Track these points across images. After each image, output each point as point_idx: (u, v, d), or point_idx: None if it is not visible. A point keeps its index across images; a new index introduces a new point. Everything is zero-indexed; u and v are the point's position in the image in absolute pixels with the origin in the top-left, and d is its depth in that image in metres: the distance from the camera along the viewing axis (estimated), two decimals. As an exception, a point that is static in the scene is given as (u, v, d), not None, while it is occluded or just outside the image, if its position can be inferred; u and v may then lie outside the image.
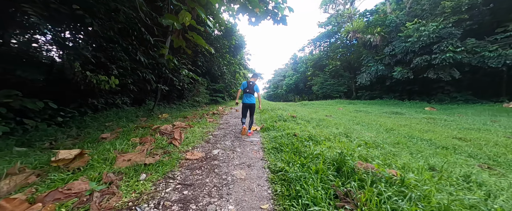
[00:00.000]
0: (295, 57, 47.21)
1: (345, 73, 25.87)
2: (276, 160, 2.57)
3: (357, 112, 11.08)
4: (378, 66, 17.94)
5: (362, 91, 23.94)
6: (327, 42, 30.51)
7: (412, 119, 7.55)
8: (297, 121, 5.70)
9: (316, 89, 27.66)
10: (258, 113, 7.49)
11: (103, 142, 3.13)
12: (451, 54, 11.25)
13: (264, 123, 5.64)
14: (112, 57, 6.48)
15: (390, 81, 18.71)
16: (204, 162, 2.61)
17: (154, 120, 6.03)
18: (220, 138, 3.99)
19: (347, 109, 13.07)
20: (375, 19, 19.85)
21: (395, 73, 15.72)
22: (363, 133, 4.29)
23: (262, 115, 7.28)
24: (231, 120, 6.76)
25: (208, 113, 8.26)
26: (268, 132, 4.43)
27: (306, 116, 7.12)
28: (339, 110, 12.43)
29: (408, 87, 17.21)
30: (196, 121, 6.01)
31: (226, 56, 17.89)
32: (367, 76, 19.59)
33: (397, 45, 15.67)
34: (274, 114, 6.87)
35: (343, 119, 7.50)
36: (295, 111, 8.57)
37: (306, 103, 18.28)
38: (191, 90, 12.51)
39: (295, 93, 46.83)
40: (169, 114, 7.23)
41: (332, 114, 9.67)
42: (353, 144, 3.04)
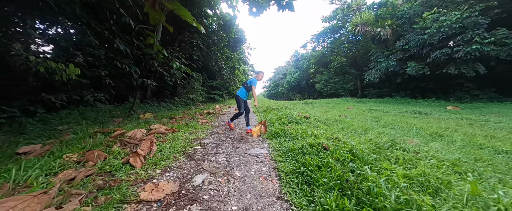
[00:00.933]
0: (296, 54, 45.90)
1: (351, 70, 24.62)
2: (307, 207, 1.35)
3: (372, 111, 9.87)
4: (389, 61, 16.70)
5: (369, 89, 22.72)
6: (331, 38, 29.22)
7: (446, 121, 6.34)
8: (313, 122, 4.48)
9: (320, 87, 26.43)
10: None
11: (16, 161, 1.91)
12: (478, 46, 10.03)
13: (271, 125, 4.41)
14: (78, 41, 5.22)
15: (401, 78, 17.50)
16: (172, 208, 1.39)
17: (133, 121, 4.81)
18: (211, 150, 2.77)
19: (358, 108, 11.86)
20: (383, 12, 18.59)
21: (409, 69, 14.50)
22: (419, 143, 3.07)
23: (266, 115, 6.05)
24: (228, 121, 5.53)
25: (202, 112, 7.03)
26: (279, 139, 3.21)
27: (320, 117, 5.90)
28: (350, 109, 11.22)
29: (422, 84, 15.99)
30: (185, 123, 4.78)
31: (224, 51, 16.63)
32: (376, 73, 18.36)
33: (411, 38, 14.42)
34: (282, 114, 5.65)
35: (363, 120, 6.29)
36: (305, 111, 7.35)
37: (311, 102, 17.08)
38: (185, 86, 11.27)
39: (296, 92, 45.62)
40: (153, 114, 6.00)
41: (346, 113, 8.46)
42: (439, 171, 1.80)
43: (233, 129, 4.48)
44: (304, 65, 37.98)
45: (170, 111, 7.54)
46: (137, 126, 4.11)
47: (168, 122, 4.76)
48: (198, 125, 4.52)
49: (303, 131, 3.43)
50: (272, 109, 7.42)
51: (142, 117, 5.45)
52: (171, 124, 4.41)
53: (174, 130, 3.76)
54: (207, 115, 6.48)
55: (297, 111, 6.52)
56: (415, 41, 13.96)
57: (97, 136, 2.97)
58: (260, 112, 7.58)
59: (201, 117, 6.07)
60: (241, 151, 2.78)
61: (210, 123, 5.19)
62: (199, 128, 4.25)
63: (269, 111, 6.78)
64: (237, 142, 3.30)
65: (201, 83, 11.78)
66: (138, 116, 5.52)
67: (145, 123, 4.47)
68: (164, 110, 7.64)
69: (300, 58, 43.20)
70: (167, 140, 3.09)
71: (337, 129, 4.08)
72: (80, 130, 3.28)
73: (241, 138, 3.54)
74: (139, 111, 6.33)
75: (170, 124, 4.34)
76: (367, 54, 22.73)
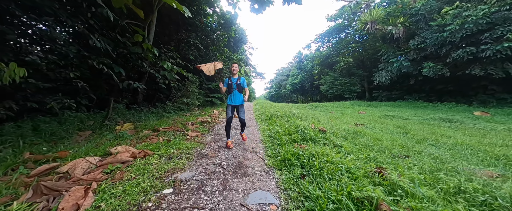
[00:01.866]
0: (299, 55, 44.89)
1: (358, 71, 23.47)
2: None
3: (389, 118, 8.76)
4: (402, 62, 15.55)
5: (377, 91, 21.54)
6: (336, 38, 28.13)
7: (493, 133, 5.22)
8: (332, 139, 3.43)
9: (325, 89, 25.31)
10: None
11: None
12: (511, 44, 8.88)
13: (278, 142, 3.38)
14: (41, 35, 4.27)
15: (415, 80, 16.33)
16: None
17: (105, 135, 3.83)
18: (188, 196, 1.75)
19: (371, 113, 10.75)
20: (392, 10, 17.50)
21: (425, 70, 13.34)
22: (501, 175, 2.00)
23: (271, 126, 5.02)
24: (224, 133, 4.52)
25: (195, 120, 6.03)
26: (293, 174, 2.18)
27: (336, 128, 4.85)
28: (363, 115, 10.12)
29: (439, 86, 14.79)
30: (167, 138, 3.77)
31: (224, 50, 15.69)
32: (387, 74, 17.21)
33: (428, 36, 13.28)
34: (291, 125, 4.60)
35: (387, 132, 5.22)
36: (317, 119, 6.30)
37: (317, 105, 16.00)
38: (180, 89, 10.32)
39: (300, 93, 44.54)
40: (134, 124, 5.01)
41: (361, 121, 7.38)
42: None
43: (246, 139, 3.78)
44: (307, 66, 36.92)
45: (159, 119, 6.56)
46: (98, 146, 3.12)
47: (146, 138, 3.76)
48: (183, 142, 3.51)
49: (326, 157, 2.38)
50: (276, 116, 6.39)
51: (119, 129, 4.47)
52: (147, 142, 3.40)
53: (146, 153, 2.75)
54: (200, 125, 5.47)
55: (308, 121, 5.47)
56: (433, 40, 12.82)
57: (19, 169, 1.97)
58: (263, 120, 6.55)
59: (192, 127, 5.07)
60: (236, 199, 1.75)
61: (200, 136, 4.18)
62: (184, 148, 3.24)
63: (274, 120, 5.75)
64: (232, 175, 2.27)
65: (197, 85, 10.82)
66: (114, 127, 4.55)
67: (115, 140, 3.48)
68: (152, 118, 6.66)
69: (304, 59, 42.17)
70: (125, 175, 2.08)
71: (368, 150, 3.02)
72: (6, 155, 2.29)
73: (238, 168, 2.51)
74: (120, 120, 5.35)
75: (145, 143, 3.33)
76: (375, 54, 21.59)
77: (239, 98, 3.37)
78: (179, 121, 6.05)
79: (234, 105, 3.40)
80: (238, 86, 3.33)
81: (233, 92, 3.32)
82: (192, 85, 10.12)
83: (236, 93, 3.33)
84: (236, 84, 3.33)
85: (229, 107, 3.40)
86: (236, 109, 3.43)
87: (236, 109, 3.43)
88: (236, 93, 3.33)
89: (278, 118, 6.08)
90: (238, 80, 3.36)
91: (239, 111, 3.41)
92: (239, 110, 3.40)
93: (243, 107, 3.47)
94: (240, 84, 3.35)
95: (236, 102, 3.37)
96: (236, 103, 3.37)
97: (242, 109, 3.41)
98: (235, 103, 3.37)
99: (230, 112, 3.37)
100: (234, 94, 3.33)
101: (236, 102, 3.37)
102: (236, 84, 3.33)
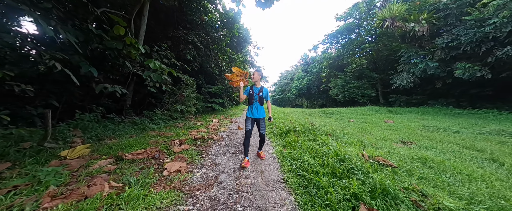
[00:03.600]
0: (305, 58, 43.46)
1: (372, 74, 21.75)
2: None
3: (431, 130, 7.05)
4: (428, 62, 13.85)
5: (394, 95, 19.77)
6: (346, 39, 26.61)
7: None
8: (401, 176, 1.84)
9: (336, 93, 23.63)
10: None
11: None
12: None
13: (314, 184, 1.80)
14: None
15: (441, 83, 14.59)
16: None
17: (43, 161, 2.33)
18: None
19: (400, 122, 9.04)
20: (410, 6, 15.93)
21: (459, 71, 11.61)
22: None
23: (293, 151, 3.43)
24: (224, 160, 2.98)
25: (185, 137, 4.48)
26: None
27: (384, 149, 3.23)
28: (391, 124, 8.43)
29: (473, 90, 12.99)
30: (127, 179, 2.23)
31: (226, 50, 14.30)
32: (409, 77, 15.49)
33: (461, 32, 11.61)
34: (324, 150, 3.00)
35: (462, 158, 3.58)
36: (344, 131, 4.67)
37: (331, 112, 14.33)
38: (175, 93, 8.85)
39: (306, 97, 42.87)
40: (92, 146, 3.50)
41: (400, 135, 5.75)
42: None
43: (264, 158, 3.26)
44: (314, 69, 35.40)
45: (140, 133, 5.06)
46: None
47: (90, 177, 2.23)
48: (150, 194, 1.95)
49: None
50: (294, 131, 4.80)
51: (66, 154, 2.97)
52: (79, 194, 1.85)
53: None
54: (190, 144, 3.92)
55: (344, 140, 3.84)
56: (469, 36, 11.15)
57: None
58: (277, 135, 4.97)
59: (178, 149, 3.52)
60: None
61: (185, 171, 2.63)
62: (148, 205, 1.69)
63: (293, 138, 4.16)
64: None
65: (194, 89, 9.35)
66: (58, 152, 3.04)
67: (28, 188, 1.95)
68: (131, 131, 5.15)
69: (310, 61, 40.71)
70: None
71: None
72: None
73: None
74: (77, 140, 3.84)
75: (73, 199, 1.77)
76: (391, 55, 19.95)
77: (261, 111, 3.01)
78: (165, 137, 4.53)
79: (254, 119, 3.01)
80: (260, 98, 3.01)
81: (253, 104, 2.98)
82: (188, 89, 8.65)
83: (257, 105, 2.99)
84: (258, 95, 3.01)
85: (249, 120, 3.01)
86: (256, 122, 3.04)
87: (256, 122, 3.04)
88: (257, 106, 2.99)
89: (298, 134, 4.49)
90: (260, 91, 3.03)
91: (260, 125, 3.01)
92: (260, 124, 3.02)
93: (264, 121, 3.07)
94: (262, 96, 3.04)
95: (256, 116, 2.99)
96: (257, 116, 2.99)
97: (263, 124, 3.02)
98: (256, 117, 2.99)
99: (250, 125, 2.97)
100: (255, 106, 2.98)
101: (257, 116, 2.99)
102: (258, 95, 3.01)
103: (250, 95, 3.00)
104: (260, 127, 3.00)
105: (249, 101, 3.02)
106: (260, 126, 3.00)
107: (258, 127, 3.03)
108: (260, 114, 2.98)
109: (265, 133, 3.07)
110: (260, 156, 3.25)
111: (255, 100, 2.97)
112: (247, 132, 2.90)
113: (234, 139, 4.67)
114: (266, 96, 3.07)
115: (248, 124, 2.94)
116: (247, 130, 2.90)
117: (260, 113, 2.99)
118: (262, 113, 3.01)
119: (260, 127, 3.00)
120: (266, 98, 3.09)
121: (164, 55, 8.61)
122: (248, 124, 2.95)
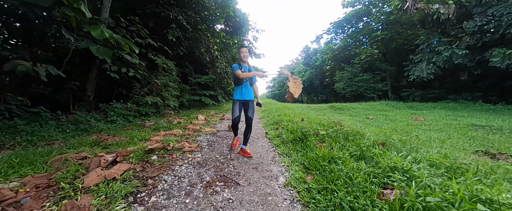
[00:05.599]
0: (307, 50, 41.45)
1: (383, 65, 19.96)
2: None
3: (487, 131, 5.36)
4: (455, 50, 12.09)
5: (408, 89, 18.12)
6: (353, 28, 24.67)
7: None
8: None
9: (342, 86, 21.87)
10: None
11: None
12: None
13: None
14: None
15: (466, 74, 12.91)
16: None
17: None
18: None
19: (433, 120, 7.33)
20: None
21: (496, 59, 9.89)
22: None
23: (322, 181, 1.65)
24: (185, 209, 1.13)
25: (135, 147, 2.66)
26: None
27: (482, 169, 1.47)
28: (424, 123, 6.72)
29: (509, 82, 11.33)
30: None
31: (220, 33, 12.32)
32: (429, 68, 13.75)
33: (503, 11, 9.81)
34: (373, 172, 1.22)
35: None
36: (383, 134, 2.86)
37: (341, 107, 12.61)
38: (149, 82, 6.93)
39: (308, 92, 41.08)
40: None
41: (469, 142, 4.04)
42: None
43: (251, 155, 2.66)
44: (317, 62, 33.54)
45: (71, 138, 3.22)
46: None
47: None
48: None
49: None
50: (316, 135, 3.02)
51: None
52: None
53: None
54: (133, 164, 2.11)
55: (406, 147, 2.05)
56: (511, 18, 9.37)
57: None
58: (285, 143, 3.17)
59: (96, 179, 1.70)
60: None
61: None
62: None
63: (315, 147, 2.37)
64: None
65: (176, 77, 7.46)
66: None
67: None
68: (54, 135, 3.30)
69: (312, 54, 38.74)
70: None
71: None
72: None
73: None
74: None
75: None
76: (407, 44, 18.14)
77: (250, 92, 2.74)
78: (101, 146, 2.70)
79: (243, 101, 2.69)
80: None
81: (242, 84, 2.66)
82: (167, 76, 6.76)
83: (247, 85, 2.71)
84: None
85: (237, 104, 2.67)
86: (245, 105, 2.73)
87: (245, 105, 2.73)
88: (247, 86, 2.71)
89: (323, 141, 2.71)
90: (249, 70, 2.72)
91: (249, 108, 2.70)
92: (249, 106, 2.71)
93: (254, 103, 2.77)
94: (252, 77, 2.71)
95: (246, 97, 2.69)
96: (246, 97, 2.69)
97: (252, 106, 2.72)
98: (245, 98, 2.69)
99: (238, 110, 2.65)
100: (245, 86, 2.68)
101: (247, 97, 2.70)
102: None
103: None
104: (249, 110, 2.70)
105: (237, 82, 2.66)
106: (249, 108, 2.70)
107: (245, 111, 2.71)
108: (249, 95, 2.73)
109: (252, 118, 2.72)
110: (246, 153, 2.69)
111: (244, 80, 2.66)
112: (235, 119, 2.65)
113: (219, 150, 2.87)
114: (253, 78, 2.76)
115: (236, 109, 2.65)
116: (235, 117, 2.64)
117: (249, 94, 2.73)
118: (251, 94, 2.76)
119: (249, 111, 2.69)
120: (253, 80, 2.81)
121: (136, 33, 6.70)
122: (236, 109, 2.65)
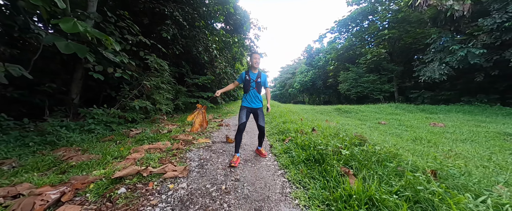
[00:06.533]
0: (309, 50, 40.71)
1: (390, 66, 19.20)
2: None
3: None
4: (471, 49, 11.36)
5: (416, 91, 17.39)
6: (357, 27, 23.95)
7: None
8: None
9: (346, 87, 21.14)
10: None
11: None
12: None
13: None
14: None
15: (483, 75, 12.17)
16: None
17: None
18: None
19: (454, 126, 6.61)
20: None
21: (519, 59, 9.18)
22: None
23: None
24: None
25: (99, 174, 2.00)
26: None
27: None
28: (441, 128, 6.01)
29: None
30: None
31: (220, 31, 11.67)
32: (442, 68, 13.01)
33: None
34: None
35: None
36: (419, 151, 2.16)
37: (348, 110, 11.91)
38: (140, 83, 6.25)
39: (310, 93, 40.35)
40: None
41: None
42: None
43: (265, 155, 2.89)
44: (320, 62, 32.82)
45: (30, 155, 2.56)
46: None
47: None
48: None
49: None
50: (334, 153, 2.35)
51: None
52: None
53: None
54: (87, 206, 1.45)
55: (461, 179, 1.36)
56: (537, 12, 8.63)
57: None
58: (296, 163, 2.50)
59: None
60: None
61: None
62: None
63: (337, 175, 1.70)
64: None
65: (170, 78, 6.80)
66: None
67: None
68: (5, 150, 2.64)
69: (315, 54, 38.00)
70: None
71: None
72: None
73: None
74: None
75: None
76: (416, 43, 17.41)
77: (259, 99, 2.71)
78: (62, 167, 2.03)
79: (251, 109, 2.68)
80: (257, 84, 2.68)
81: (249, 91, 2.64)
82: (159, 77, 6.11)
83: (254, 93, 2.67)
84: (255, 82, 2.67)
85: (245, 110, 2.66)
86: (253, 113, 2.73)
87: (253, 113, 2.73)
88: (255, 94, 2.68)
89: (345, 165, 2.03)
90: (258, 77, 2.70)
91: (258, 116, 2.71)
92: (258, 115, 2.71)
93: (263, 111, 2.76)
94: (260, 83, 2.72)
95: (254, 105, 2.68)
96: (254, 106, 2.68)
97: (261, 114, 2.71)
98: (253, 107, 2.68)
99: (245, 117, 2.62)
100: (252, 94, 2.66)
101: (254, 105, 2.68)
102: (256, 82, 2.67)
103: (246, 81, 2.65)
104: (259, 118, 2.69)
105: (244, 89, 2.66)
106: (259, 117, 2.69)
107: (256, 119, 2.71)
108: (258, 103, 2.67)
109: (264, 125, 2.71)
110: (261, 154, 2.87)
111: (252, 87, 2.64)
112: (241, 125, 2.58)
113: (211, 175, 2.19)
114: (264, 83, 2.77)
115: (243, 116, 2.61)
116: (241, 122, 2.59)
117: (258, 102, 2.67)
118: (260, 102, 2.70)
119: (259, 119, 2.69)
120: (264, 85, 2.78)
121: (126, 29, 6.08)
122: (243, 115, 2.61)
